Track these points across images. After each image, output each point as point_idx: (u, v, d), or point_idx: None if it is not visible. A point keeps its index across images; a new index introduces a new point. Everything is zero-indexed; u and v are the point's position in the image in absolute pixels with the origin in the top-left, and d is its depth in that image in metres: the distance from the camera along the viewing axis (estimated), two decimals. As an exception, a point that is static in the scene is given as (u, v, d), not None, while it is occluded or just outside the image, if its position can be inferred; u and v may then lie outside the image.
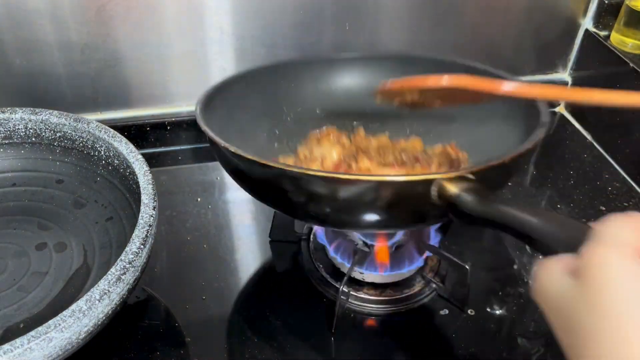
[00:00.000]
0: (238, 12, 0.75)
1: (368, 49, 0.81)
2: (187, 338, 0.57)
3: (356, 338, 0.58)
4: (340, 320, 0.58)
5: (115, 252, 0.59)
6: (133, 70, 0.77)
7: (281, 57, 0.79)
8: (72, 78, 0.75)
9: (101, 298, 0.45)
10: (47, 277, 0.57)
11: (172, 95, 0.81)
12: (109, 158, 0.62)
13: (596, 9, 0.85)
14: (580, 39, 0.88)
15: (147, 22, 0.73)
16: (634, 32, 0.80)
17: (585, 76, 0.89)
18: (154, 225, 0.52)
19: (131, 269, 0.48)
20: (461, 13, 0.81)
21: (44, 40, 0.71)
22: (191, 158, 0.82)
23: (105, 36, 0.73)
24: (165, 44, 0.75)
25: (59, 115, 0.63)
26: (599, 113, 0.86)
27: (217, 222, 0.71)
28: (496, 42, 0.86)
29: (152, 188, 0.55)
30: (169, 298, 0.61)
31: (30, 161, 0.66)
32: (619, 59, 0.80)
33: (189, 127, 0.82)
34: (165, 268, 0.65)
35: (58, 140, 0.65)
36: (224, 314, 0.60)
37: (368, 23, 0.79)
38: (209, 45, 0.77)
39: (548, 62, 0.90)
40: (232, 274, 0.64)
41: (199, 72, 0.79)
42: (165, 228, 0.69)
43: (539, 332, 0.58)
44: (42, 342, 0.42)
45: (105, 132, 0.61)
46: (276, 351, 0.56)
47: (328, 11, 0.77)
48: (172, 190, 0.76)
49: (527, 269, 0.66)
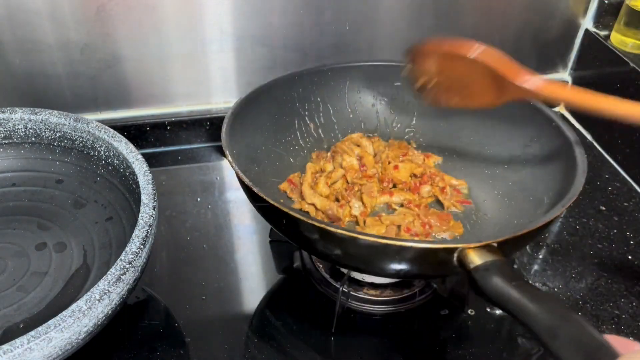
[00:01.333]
0: (238, 12, 0.75)
1: (368, 49, 0.81)
2: (187, 338, 0.57)
3: (356, 338, 0.58)
4: (340, 320, 0.58)
5: (115, 252, 0.59)
6: (133, 70, 0.77)
7: (281, 57, 0.79)
8: (72, 78, 0.75)
9: (101, 298, 0.45)
10: (47, 277, 0.57)
11: (172, 95, 0.81)
12: (108, 158, 0.62)
13: (596, 9, 0.85)
14: (580, 39, 0.88)
15: (147, 22, 0.73)
16: (634, 32, 0.80)
17: (585, 76, 0.89)
18: (154, 225, 0.52)
19: (131, 269, 0.48)
20: (461, 13, 0.81)
21: (44, 40, 0.71)
22: (191, 158, 0.82)
23: (105, 36, 0.73)
24: (165, 44, 0.75)
25: (58, 115, 0.63)
26: (599, 113, 0.85)
27: (217, 222, 0.71)
28: (496, 42, 0.85)
29: (152, 188, 0.55)
30: (169, 298, 0.61)
31: (30, 161, 0.66)
32: (619, 59, 0.80)
33: (189, 127, 0.82)
34: (165, 268, 0.65)
35: (58, 140, 0.65)
36: (224, 314, 0.60)
37: (368, 23, 0.79)
38: (209, 45, 0.77)
39: (548, 62, 0.90)
40: (232, 274, 0.64)
41: (199, 72, 0.79)
42: (165, 228, 0.69)
43: (539, 332, 0.58)
44: (42, 342, 0.42)
45: (105, 132, 0.61)
46: (276, 351, 0.56)
47: (328, 11, 0.77)
48: (172, 190, 0.76)
49: (527, 268, 0.66)
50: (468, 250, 0.43)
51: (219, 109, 0.83)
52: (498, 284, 0.40)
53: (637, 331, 0.60)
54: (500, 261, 0.42)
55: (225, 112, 0.81)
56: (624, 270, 0.66)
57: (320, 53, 0.80)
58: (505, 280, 0.40)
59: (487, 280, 0.41)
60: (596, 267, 0.67)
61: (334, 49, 0.80)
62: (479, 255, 0.42)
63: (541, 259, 0.68)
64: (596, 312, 0.62)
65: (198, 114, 0.82)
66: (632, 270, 0.66)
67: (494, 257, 0.42)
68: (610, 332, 0.60)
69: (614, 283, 0.65)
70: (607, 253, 0.68)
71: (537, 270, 0.66)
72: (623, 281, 0.65)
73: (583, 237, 0.70)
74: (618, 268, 0.67)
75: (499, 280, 0.40)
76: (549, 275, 0.66)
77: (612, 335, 0.33)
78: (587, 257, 0.68)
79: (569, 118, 0.91)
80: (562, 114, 0.92)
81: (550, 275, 0.66)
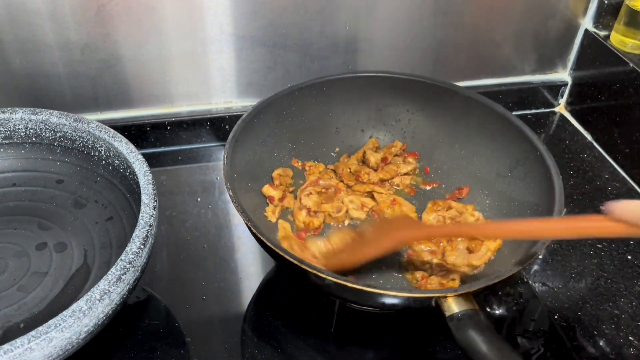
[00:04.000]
0: (238, 12, 0.75)
1: (368, 48, 0.81)
2: (187, 338, 0.57)
3: (356, 338, 0.58)
4: (340, 320, 0.58)
5: (116, 252, 0.59)
6: (133, 70, 0.77)
7: (281, 57, 0.79)
8: (72, 78, 0.75)
9: (101, 298, 0.45)
10: (47, 277, 0.57)
11: (172, 95, 0.81)
12: (109, 158, 0.62)
13: (596, 9, 0.85)
14: (580, 39, 0.88)
15: (147, 22, 0.73)
16: (634, 32, 0.80)
17: (584, 76, 0.89)
18: (154, 225, 0.52)
19: (131, 269, 0.48)
20: (461, 13, 0.81)
21: (44, 40, 0.71)
22: (191, 158, 0.82)
23: (105, 36, 0.73)
24: (165, 44, 0.75)
25: (59, 115, 0.63)
26: (599, 113, 0.86)
27: (217, 222, 0.71)
28: (496, 42, 0.86)
29: (152, 188, 0.55)
30: (169, 298, 0.61)
31: (30, 161, 0.66)
32: (619, 59, 0.80)
33: (189, 127, 0.82)
34: (165, 268, 0.65)
35: (58, 140, 0.65)
36: (224, 314, 0.60)
37: (368, 23, 0.79)
38: (209, 45, 0.77)
39: (548, 62, 0.90)
40: (232, 274, 0.64)
41: (199, 72, 0.79)
42: (165, 228, 0.69)
43: (539, 332, 0.58)
44: (42, 342, 0.42)
45: (105, 132, 0.61)
46: (276, 351, 0.56)
47: (328, 11, 0.77)
48: (172, 190, 0.76)
49: (527, 268, 0.66)
50: (445, 298, 0.47)
51: (219, 109, 0.83)
52: (469, 337, 0.44)
53: (636, 331, 0.60)
54: (474, 311, 0.46)
55: (226, 112, 0.82)
56: (623, 270, 0.66)
57: (321, 53, 0.80)
58: (477, 332, 0.44)
59: (461, 331, 0.45)
60: (596, 267, 0.67)
61: (334, 49, 0.80)
62: (455, 303, 0.46)
63: (541, 259, 0.68)
64: (596, 312, 0.62)
65: (198, 114, 0.82)
66: (632, 270, 0.66)
67: (467, 307, 0.46)
68: (610, 332, 0.60)
69: (613, 283, 0.65)
70: (607, 253, 0.68)
71: (537, 270, 0.66)
72: (623, 281, 0.65)
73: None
74: (618, 268, 0.67)
75: (470, 333, 0.44)
76: (549, 275, 0.66)
77: None
78: (587, 257, 0.68)
79: (569, 118, 0.91)
80: (561, 113, 0.92)
81: (550, 275, 0.66)
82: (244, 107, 0.82)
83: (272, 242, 0.51)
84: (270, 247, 0.50)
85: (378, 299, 0.49)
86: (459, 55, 0.85)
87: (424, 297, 0.48)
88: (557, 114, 0.93)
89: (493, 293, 0.63)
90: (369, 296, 0.48)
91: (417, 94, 0.72)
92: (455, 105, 0.70)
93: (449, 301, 0.47)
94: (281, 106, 0.69)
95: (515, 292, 0.63)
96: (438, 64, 0.86)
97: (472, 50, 0.85)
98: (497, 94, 0.89)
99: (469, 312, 0.46)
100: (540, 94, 0.92)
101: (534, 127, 0.81)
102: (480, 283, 0.48)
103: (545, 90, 0.91)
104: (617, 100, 0.82)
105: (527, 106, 0.92)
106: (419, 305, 0.50)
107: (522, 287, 0.63)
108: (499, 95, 0.89)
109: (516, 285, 0.63)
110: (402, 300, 0.49)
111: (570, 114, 0.92)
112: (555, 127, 0.90)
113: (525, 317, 0.60)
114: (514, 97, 0.90)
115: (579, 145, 0.86)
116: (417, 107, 0.73)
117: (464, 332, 0.44)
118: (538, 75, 0.91)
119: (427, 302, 0.48)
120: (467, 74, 0.88)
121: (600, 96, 0.85)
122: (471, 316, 0.45)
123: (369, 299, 0.50)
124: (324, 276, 0.48)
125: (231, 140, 0.61)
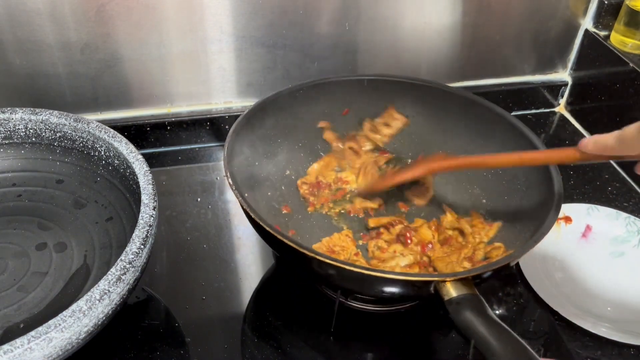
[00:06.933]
0: (238, 12, 0.75)
1: (368, 48, 0.81)
2: (187, 338, 0.57)
3: (356, 338, 0.59)
4: (340, 320, 0.58)
5: (115, 252, 0.59)
6: (133, 70, 0.77)
7: (281, 57, 0.79)
8: (72, 78, 0.75)
9: (101, 298, 0.45)
10: (47, 277, 0.57)
11: (172, 95, 0.81)
12: (109, 158, 0.62)
13: (596, 9, 0.85)
14: (580, 39, 0.88)
15: (147, 22, 0.73)
16: (634, 32, 0.80)
17: (584, 76, 0.89)
18: (154, 225, 0.52)
19: (131, 269, 0.48)
20: (461, 13, 0.81)
21: (44, 40, 0.71)
22: (191, 158, 0.82)
23: (105, 36, 0.73)
24: (165, 44, 0.75)
25: (59, 115, 0.63)
26: (599, 113, 0.86)
27: (217, 222, 0.71)
28: (496, 42, 0.86)
29: (152, 188, 0.55)
30: (169, 298, 0.61)
31: (30, 161, 0.66)
32: (619, 59, 0.80)
33: (189, 127, 0.82)
34: (165, 268, 0.65)
35: (58, 140, 0.65)
36: (224, 314, 0.60)
37: (368, 23, 0.79)
38: (209, 45, 0.77)
39: (548, 62, 0.90)
40: (232, 274, 0.64)
41: (199, 72, 0.79)
42: (165, 228, 0.69)
43: (539, 332, 0.58)
44: (42, 342, 0.42)
45: (105, 132, 0.61)
46: (276, 351, 0.56)
47: (328, 11, 0.77)
48: (172, 190, 0.76)
49: (527, 269, 0.66)
50: (444, 283, 0.46)
51: (219, 109, 0.83)
52: (467, 319, 0.44)
53: (636, 331, 0.60)
54: (472, 295, 0.46)
55: (225, 112, 0.82)
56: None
57: (321, 53, 0.80)
58: (474, 314, 0.44)
59: (459, 314, 0.44)
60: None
61: (334, 49, 0.80)
62: (454, 288, 0.46)
63: (541, 259, 0.68)
64: (596, 312, 0.62)
65: (198, 114, 0.82)
66: (631, 270, 0.66)
67: (466, 291, 0.46)
68: (610, 332, 0.60)
69: (613, 283, 0.65)
70: (607, 253, 0.68)
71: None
72: (623, 281, 0.65)
73: (583, 237, 0.70)
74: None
75: (468, 315, 0.44)
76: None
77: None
78: (587, 257, 0.68)
79: (569, 118, 0.91)
80: (561, 113, 0.92)
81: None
82: (243, 107, 0.82)
83: (271, 227, 0.50)
84: (268, 231, 0.50)
85: (377, 283, 0.48)
86: (459, 55, 0.85)
87: (422, 280, 0.48)
88: (557, 114, 0.93)
89: (493, 293, 0.63)
90: (368, 280, 0.47)
91: (416, 96, 0.71)
92: (455, 107, 0.69)
93: (448, 286, 0.46)
94: (282, 104, 0.68)
95: (515, 292, 0.63)
96: (438, 64, 0.86)
97: (472, 51, 0.85)
98: (497, 94, 0.89)
99: (468, 295, 0.45)
100: (541, 94, 0.92)
101: (534, 127, 0.81)
102: (478, 270, 0.48)
103: (545, 90, 0.91)
104: (617, 100, 0.82)
105: (527, 106, 0.92)
106: (417, 291, 0.49)
107: (522, 287, 0.63)
108: (499, 96, 0.89)
109: (516, 286, 0.63)
110: (401, 286, 0.48)
111: (570, 114, 0.92)
112: (555, 127, 0.90)
113: (525, 317, 0.60)
114: (514, 97, 0.90)
115: (579, 145, 0.86)
116: (416, 109, 0.72)
117: (462, 315, 0.44)
118: (538, 76, 0.91)
119: (426, 287, 0.47)
120: (467, 74, 0.88)
121: (600, 96, 0.85)
122: (470, 299, 0.45)
123: (367, 282, 0.49)
124: (322, 259, 0.47)
125: (232, 134, 0.61)
